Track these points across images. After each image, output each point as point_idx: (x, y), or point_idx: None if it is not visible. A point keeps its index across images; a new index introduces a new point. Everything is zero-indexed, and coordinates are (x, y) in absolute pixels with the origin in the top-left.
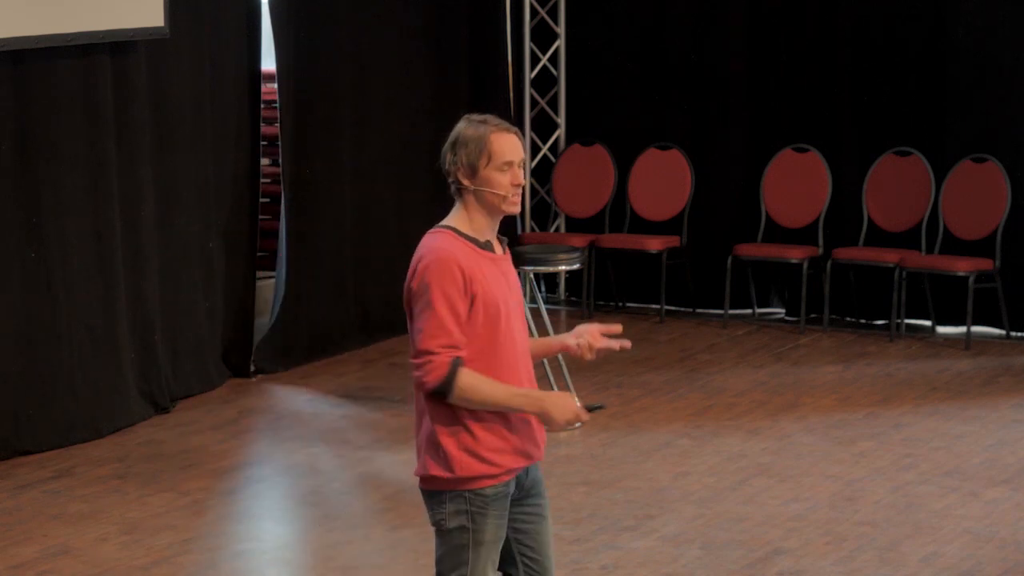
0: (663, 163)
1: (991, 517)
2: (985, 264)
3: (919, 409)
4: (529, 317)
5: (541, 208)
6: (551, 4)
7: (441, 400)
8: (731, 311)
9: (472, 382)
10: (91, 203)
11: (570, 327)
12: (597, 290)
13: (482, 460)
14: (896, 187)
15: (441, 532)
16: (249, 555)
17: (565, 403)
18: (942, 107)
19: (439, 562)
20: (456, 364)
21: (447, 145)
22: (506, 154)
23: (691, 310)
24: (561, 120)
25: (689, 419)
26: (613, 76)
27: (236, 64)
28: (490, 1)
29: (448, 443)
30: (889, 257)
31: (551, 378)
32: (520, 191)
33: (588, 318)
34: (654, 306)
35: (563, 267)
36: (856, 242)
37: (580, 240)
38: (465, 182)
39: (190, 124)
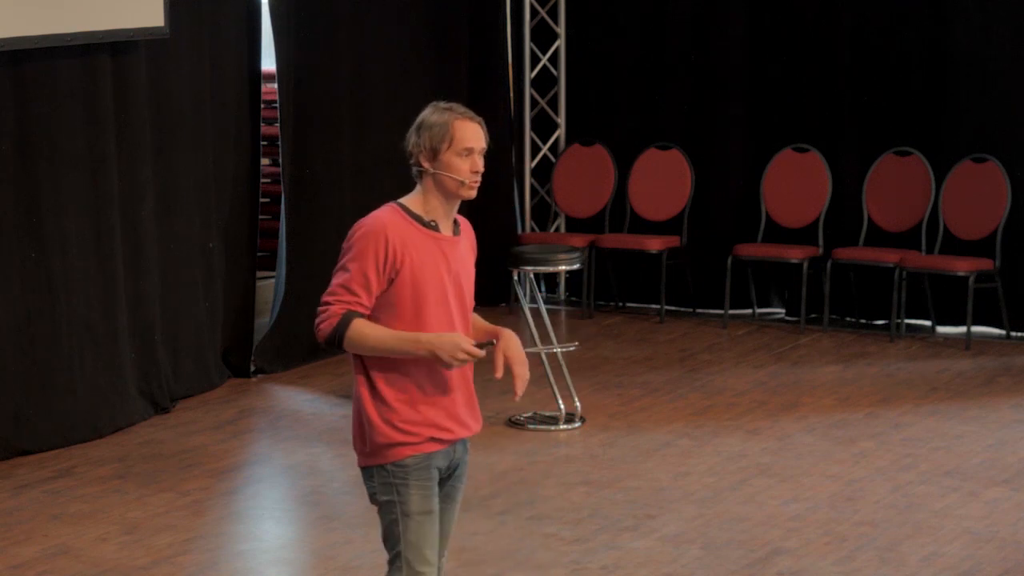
0: (663, 163)
1: (991, 517)
2: (985, 264)
3: (919, 409)
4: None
5: (541, 208)
6: (551, 4)
7: (376, 367)
8: (731, 311)
9: (362, 330)
10: (91, 203)
11: (570, 327)
12: (597, 290)
13: (397, 429)
14: (896, 187)
15: (377, 508)
16: (249, 555)
17: (453, 342)
18: (942, 107)
19: (383, 542)
20: (349, 316)
21: (412, 128)
22: (467, 140)
23: (691, 310)
24: (561, 120)
25: (689, 419)
26: (613, 76)
27: (236, 64)
28: (490, 1)
29: (372, 414)
30: (889, 257)
31: (550, 377)
32: (479, 178)
33: (588, 318)
34: (654, 306)
35: (563, 267)
36: (856, 242)
37: (580, 240)
38: (426, 165)
39: (190, 124)
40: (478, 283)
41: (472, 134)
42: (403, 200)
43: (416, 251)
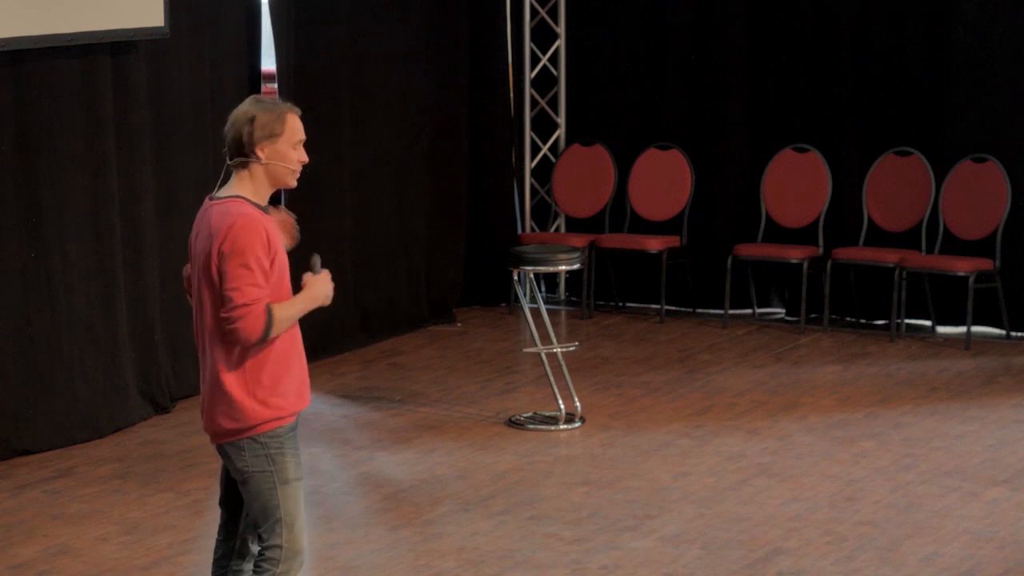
0: (663, 163)
1: (991, 517)
2: (985, 264)
3: (919, 409)
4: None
5: (541, 208)
6: (551, 4)
7: (246, 351)
8: (731, 311)
9: (281, 313)
10: (91, 203)
11: (570, 328)
12: (597, 290)
13: (267, 406)
14: (896, 187)
15: (247, 481)
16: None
17: (323, 291)
18: (942, 107)
19: (258, 516)
20: (270, 308)
21: (236, 121)
22: (299, 132)
23: (691, 310)
24: (561, 120)
25: (689, 419)
26: (613, 76)
27: (236, 64)
28: (490, 1)
29: (240, 395)
30: (889, 257)
31: (551, 377)
32: (301, 168)
33: (588, 318)
34: (654, 306)
35: (563, 267)
36: (856, 242)
37: (580, 240)
38: (261, 155)
39: (190, 124)
40: (478, 283)
41: (301, 126)
42: (236, 192)
43: (277, 240)
